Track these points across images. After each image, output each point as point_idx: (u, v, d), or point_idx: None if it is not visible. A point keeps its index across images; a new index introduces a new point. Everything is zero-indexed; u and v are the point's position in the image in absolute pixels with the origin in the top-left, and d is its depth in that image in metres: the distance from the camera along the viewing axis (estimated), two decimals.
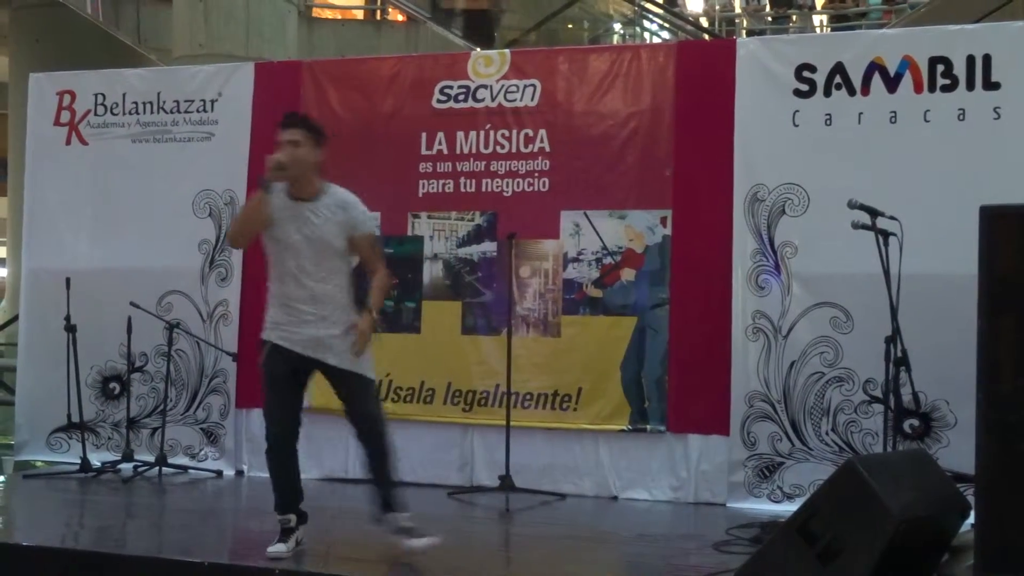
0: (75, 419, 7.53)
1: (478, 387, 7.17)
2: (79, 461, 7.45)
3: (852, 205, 5.70)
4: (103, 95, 8.05)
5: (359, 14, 17.77)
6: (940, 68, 6.44)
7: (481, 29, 14.61)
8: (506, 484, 6.78)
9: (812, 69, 6.66)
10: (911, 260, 5.64)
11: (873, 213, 5.66)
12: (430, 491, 6.96)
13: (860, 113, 6.56)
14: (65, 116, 8.07)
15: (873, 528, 4.15)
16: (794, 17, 16.55)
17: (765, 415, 6.59)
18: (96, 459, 7.50)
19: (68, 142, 8.04)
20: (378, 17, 17.12)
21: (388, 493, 5.38)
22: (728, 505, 6.62)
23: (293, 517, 5.41)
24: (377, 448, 5.36)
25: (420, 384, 7.28)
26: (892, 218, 5.68)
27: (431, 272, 7.37)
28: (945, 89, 6.42)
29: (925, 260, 5.97)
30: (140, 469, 7.37)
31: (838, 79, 6.62)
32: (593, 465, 6.97)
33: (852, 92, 6.58)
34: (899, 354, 5.57)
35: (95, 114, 8.04)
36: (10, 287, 14.07)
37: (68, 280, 7.46)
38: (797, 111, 6.67)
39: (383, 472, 5.37)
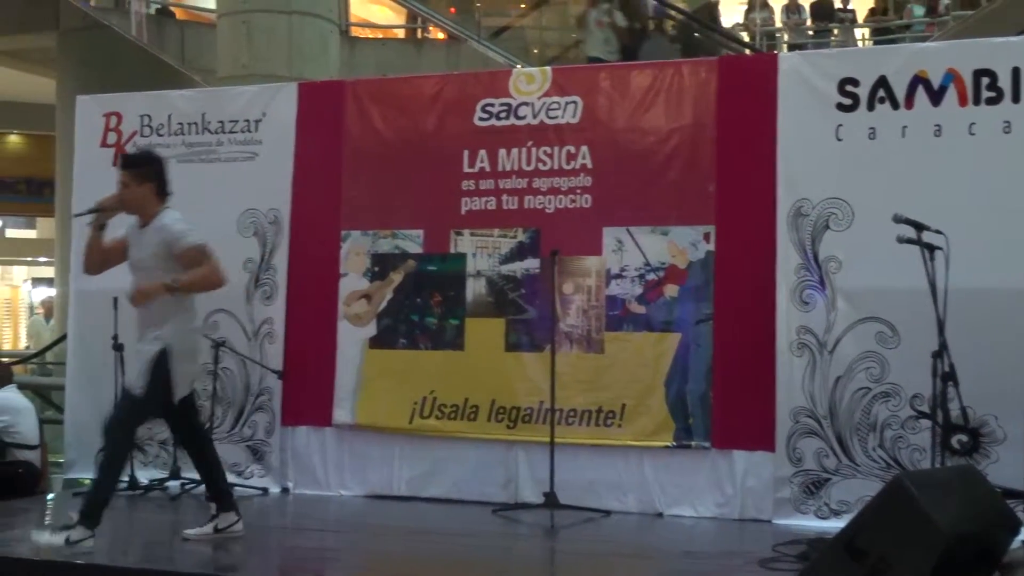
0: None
1: (522, 404, 7.17)
2: (127, 479, 7.52)
3: (897, 219, 5.67)
4: (149, 116, 8.14)
5: (400, 33, 17.89)
6: (985, 81, 6.39)
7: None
8: (550, 501, 6.77)
9: (855, 83, 6.63)
10: (957, 274, 5.59)
11: (919, 227, 5.63)
12: (475, 508, 6.97)
13: (904, 127, 6.52)
14: (112, 138, 8.16)
15: (922, 545, 4.12)
16: (835, 31, 16.51)
17: (811, 431, 6.55)
18: (144, 477, 7.56)
19: (115, 163, 8.06)
20: (419, 36, 17.22)
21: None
22: (774, 522, 6.56)
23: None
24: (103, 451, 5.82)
25: (464, 401, 7.29)
26: (938, 232, 5.65)
27: (474, 289, 7.39)
28: (990, 102, 6.37)
29: (972, 274, 5.90)
30: (187, 487, 7.42)
31: (881, 93, 6.58)
32: (638, 482, 6.95)
33: (896, 106, 6.55)
34: (946, 369, 5.52)
35: (141, 135, 8.13)
36: (58, 307, 14.24)
37: (115, 300, 7.50)
38: (840, 125, 6.64)
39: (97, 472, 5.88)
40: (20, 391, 8.20)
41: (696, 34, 12.68)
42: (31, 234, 24.71)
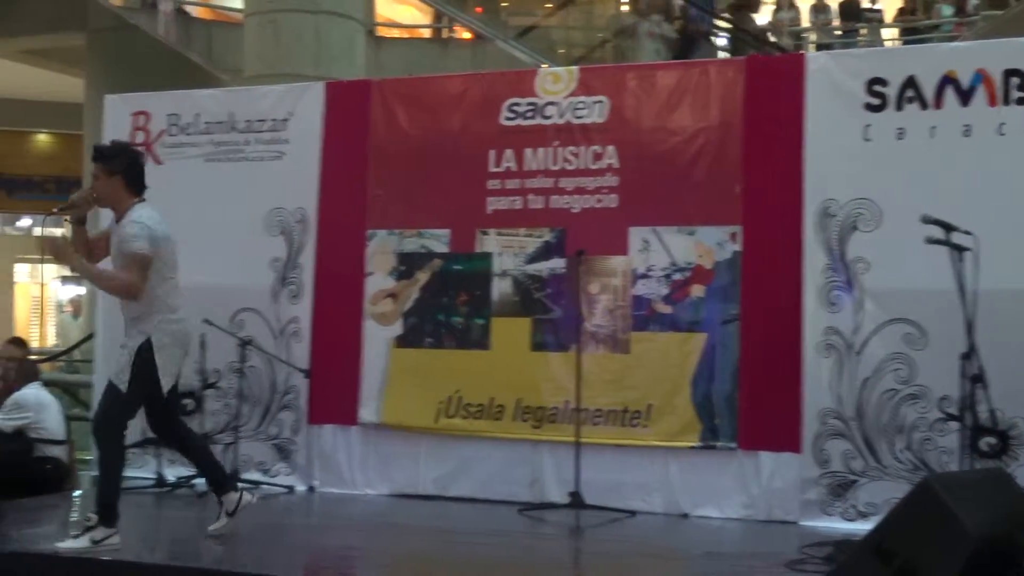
0: (150, 435, 7.62)
1: (548, 403, 7.17)
2: (154, 476, 7.57)
3: (926, 220, 5.64)
4: (177, 115, 8.18)
5: (425, 33, 17.91)
6: (1014, 81, 6.35)
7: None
8: (576, 501, 6.77)
9: (883, 83, 6.60)
10: (987, 275, 5.56)
11: (947, 228, 5.60)
12: (500, 507, 6.97)
13: (933, 127, 6.49)
14: (140, 137, 8.20)
15: (950, 548, 4.10)
16: (863, 30, 16.43)
17: (838, 432, 6.52)
18: (171, 474, 7.60)
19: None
20: (444, 36, 17.24)
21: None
22: (800, 523, 6.53)
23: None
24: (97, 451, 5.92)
25: (490, 400, 7.29)
26: (967, 233, 5.62)
27: (500, 289, 7.39)
28: (1020, 102, 6.33)
29: (1001, 275, 5.88)
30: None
31: (910, 93, 6.55)
32: (663, 482, 6.93)
33: (924, 106, 6.52)
34: (976, 371, 5.49)
35: (169, 134, 8.17)
36: (86, 305, 14.33)
37: None
38: (868, 125, 6.61)
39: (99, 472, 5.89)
40: (45, 388, 8.23)
41: (743, 40, 12.63)
42: (60, 232, 24.87)
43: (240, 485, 6.19)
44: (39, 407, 7.82)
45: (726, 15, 12.29)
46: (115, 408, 5.77)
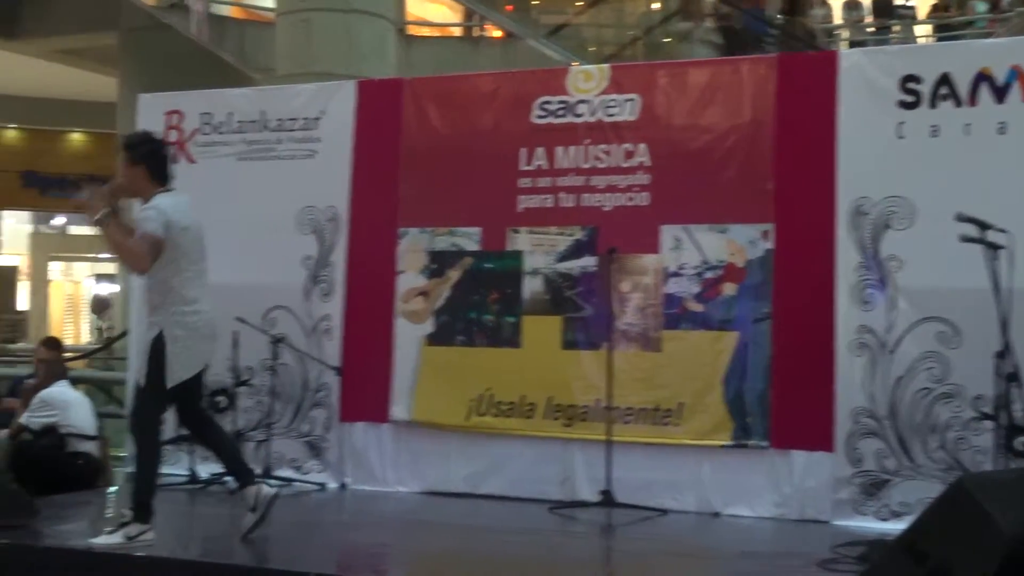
0: (183, 431, 7.67)
1: (579, 402, 7.16)
2: (187, 473, 7.61)
3: (961, 218, 5.61)
4: (209, 114, 8.22)
5: (456, 31, 17.92)
6: None
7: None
8: (607, 499, 6.77)
9: (917, 80, 6.56)
10: (1022, 273, 5.53)
11: (982, 226, 5.57)
12: (531, 506, 6.97)
13: (967, 124, 6.44)
14: (173, 135, 8.25)
15: (984, 548, 4.07)
16: (896, 27, 16.32)
17: (871, 431, 6.49)
18: (204, 471, 7.64)
19: (175, 161, 8.21)
20: (475, 34, 17.24)
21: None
22: (833, 523, 6.50)
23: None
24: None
25: (521, 399, 7.29)
26: (1001, 231, 5.58)
27: (531, 287, 7.39)
28: None
29: None
30: None
31: (944, 90, 6.50)
32: (695, 481, 6.91)
33: (959, 103, 6.47)
34: (1010, 369, 5.45)
35: (202, 133, 8.21)
36: (120, 303, 14.43)
37: None
38: (902, 123, 6.57)
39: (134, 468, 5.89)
40: (73, 386, 8.28)
41: (793, 46, 12.56)
42: (93, 231, 25.08)
43: (256, 486, 5.99)
44: (64, 404, 7.89)
45: (779, 18, 12.23)
46: (143, 403, 5.80)
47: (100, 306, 18.58)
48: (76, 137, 22.58)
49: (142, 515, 5.67)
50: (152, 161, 5.92)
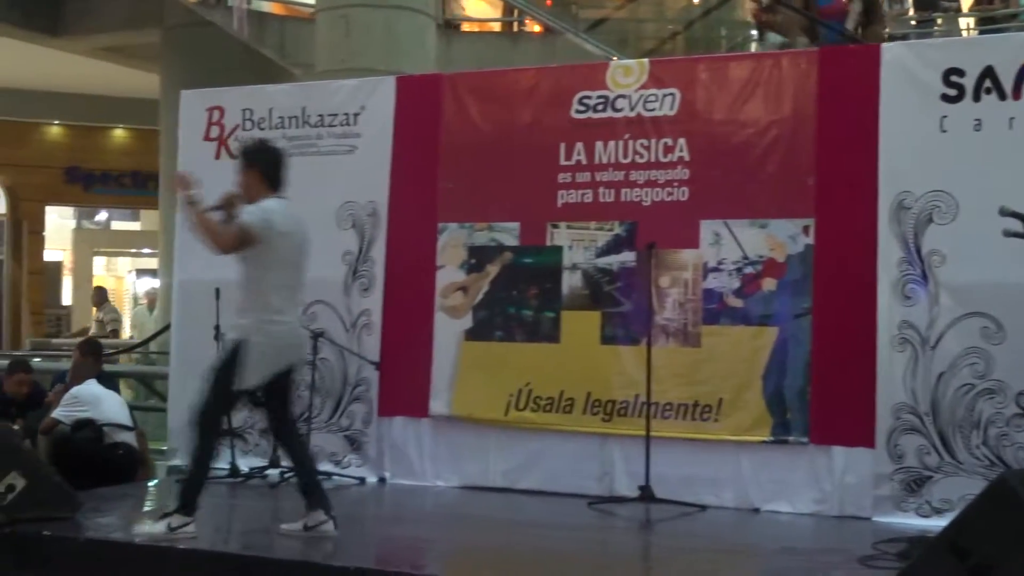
0: (224, 426, 7.73)
1: (617, 397, 7.15)
2: (228, 467, 7.66)
3: (1004, 212, 5.54)
4: (250, 110, 8.27)
5: (496, 26, 17.91)
6: None
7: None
8: (646, 495, 6.75)
9: (960, 73, 6.50)
10: None
11: None
12: (570, 501, 6.97)
13: (1011, 118, 6.38)
14: (214, 131, 8.31)
15: None
16: (939, 20, 16.16)
17: (912, 427, 6.44)
18: (244, 465, 7.69)
19: (217, 156, 8.26)
20: (515, 29, 17.22)
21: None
22: (874, 519, 6.47)
23: None
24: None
25: (560, 394, 7.29)
26: None
27: (570, 282, 7.38)
28: None
29: None
30: (286, 475, 7.51)
31: (988, 83, 6.43)
32: (734, 476, 6.89)
33: (1003, 96, 6.41)
34: None
35: (243, 129, 8.25)
36: (162, 298, 14.54)
37: (218, 291, 7.64)
38: (945, 116, 6.51)
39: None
40: (102, 383, 8.31)
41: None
42: (136, 226, 25.24)
43: (325, 517, 5.89)
44: (95, 399, 7.96)
45: (857, 31, 12.07)
46: (208, 400, 5.82)
47: (100, 298, 18.81)
48: (119, 133, 22.72)
49: (186, 508, 5.72)
50: (266, 166, 5.99)
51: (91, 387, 8.09)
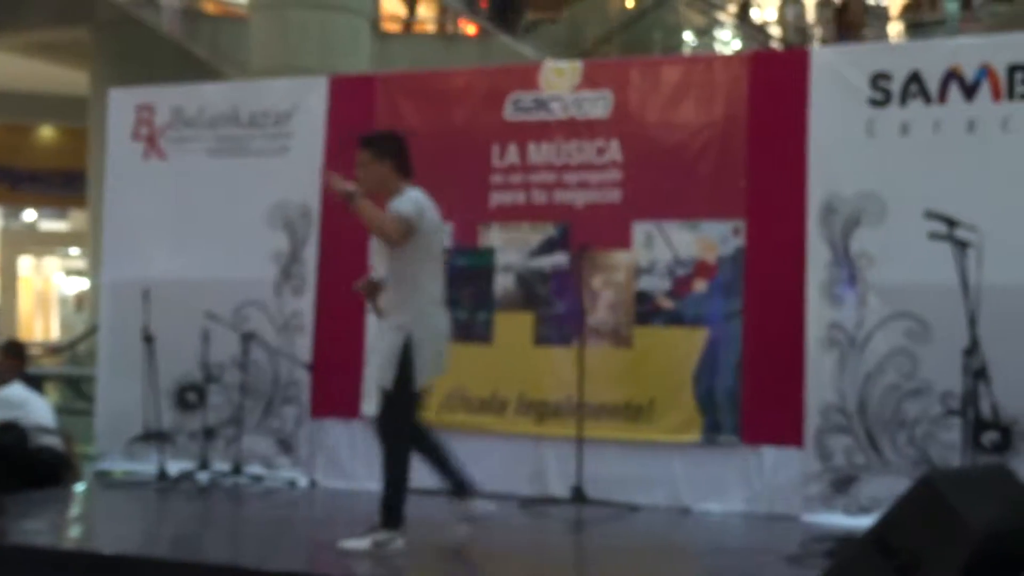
0: (153, 429, 7.64)
1: (550, 398, 7.16)
2: (157, 470, 7.56)
3: (930, 215, 5.63)
4: (181, 109, 8.17)
5: (430, 28, 17.89)
6: (1019, 76, 6.32)
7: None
8: (578, 496, 6.77)
9: (888, 78, 6.59)
10: (991, 270, 5.55)
11: (951, 223, 5.59)
12: (502, 502, 6.91)
13: (937, 122, 6.48)
14: (144, 130, 8.20)
15: (952, 542, 4.09)
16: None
17: (840, 427, 6.51)
18: (174, 468, 7.60)
19: (147, 156, 8.17)
20: (449, 31, 17.21)
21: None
22: (803, 518, 6.52)
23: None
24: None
25: (492, 395, 7.29)
26: (970, 228, 5.60)
27: (503, 283, 7.38)
28: None
29: (1006, 271, 5.88)
30: (216, 478, 7.45)
31: (914, 88, 6.53)
32: (666, 477, 6.92)
33: (929, 101, 6.50)
34: (978, 366, 5.48)
35: (173, 128, 8.16)
36: (90, 298, 14.35)
37: (146, 292, 7.56)
38: (873, 120, 6.59)
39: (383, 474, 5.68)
40: (33, 385, 8.18)
41: None
42: (63, 226, 24.92)
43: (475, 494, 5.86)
44: (23, 401, 7.78)
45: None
46: (392, 409, 5.61)
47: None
48: (47, 132, 22.43)
49: (391, 521, 5.58)
50: (400, 155, 5.82)
51: (18, 390, 7.94)
